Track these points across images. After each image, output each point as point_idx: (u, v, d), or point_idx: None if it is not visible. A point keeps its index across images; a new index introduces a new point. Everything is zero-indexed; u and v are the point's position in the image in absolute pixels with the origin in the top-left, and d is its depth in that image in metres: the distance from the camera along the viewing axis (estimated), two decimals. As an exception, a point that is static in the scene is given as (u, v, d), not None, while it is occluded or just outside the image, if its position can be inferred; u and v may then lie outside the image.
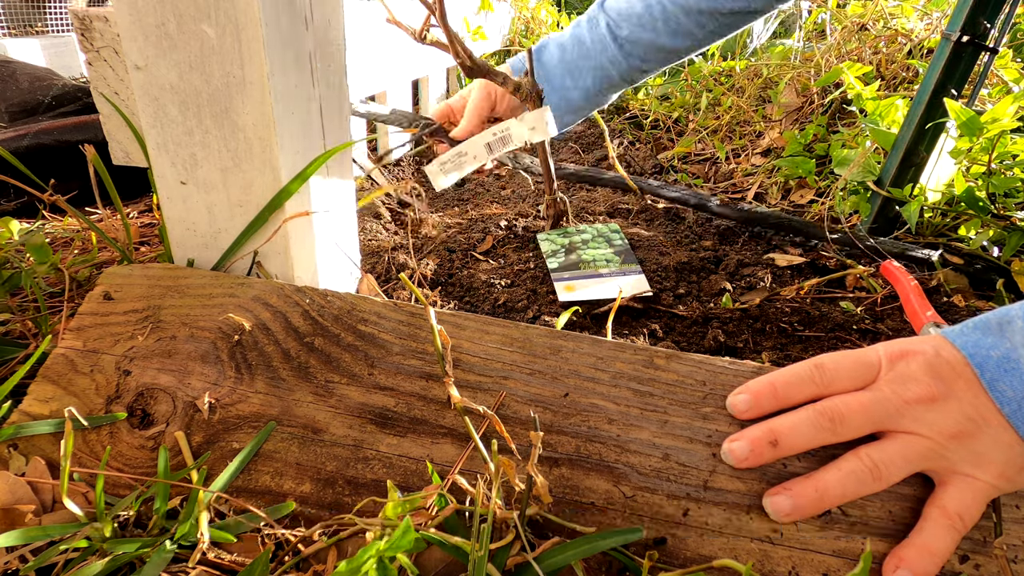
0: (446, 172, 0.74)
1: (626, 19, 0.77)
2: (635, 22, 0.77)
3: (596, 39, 0.79)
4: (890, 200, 0.82)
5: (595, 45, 0.79)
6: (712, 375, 0.40)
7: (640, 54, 0.79)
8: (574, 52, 0.80)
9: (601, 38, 0.79)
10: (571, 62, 0.80)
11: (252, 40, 0.42)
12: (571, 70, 0.80)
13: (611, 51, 0.79)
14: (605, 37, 0.78)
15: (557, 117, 0.81)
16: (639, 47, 0.78)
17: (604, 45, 0.79)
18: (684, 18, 0.76)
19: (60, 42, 1.73)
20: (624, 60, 0.79)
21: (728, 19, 0.77)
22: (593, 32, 0.80)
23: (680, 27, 0.76)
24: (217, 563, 0.33)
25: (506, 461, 0.31)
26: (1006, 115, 0.70)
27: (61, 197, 0.53)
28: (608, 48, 0.79)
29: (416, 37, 0.62)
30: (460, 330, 0.43)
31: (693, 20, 0.76)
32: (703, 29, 0.77)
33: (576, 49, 0.80)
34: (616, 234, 0.80)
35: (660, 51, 0.79)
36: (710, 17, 0.76)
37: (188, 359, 0.42)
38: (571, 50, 0.80)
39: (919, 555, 0.32)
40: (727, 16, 0.76)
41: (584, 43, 0.80)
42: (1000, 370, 0.33)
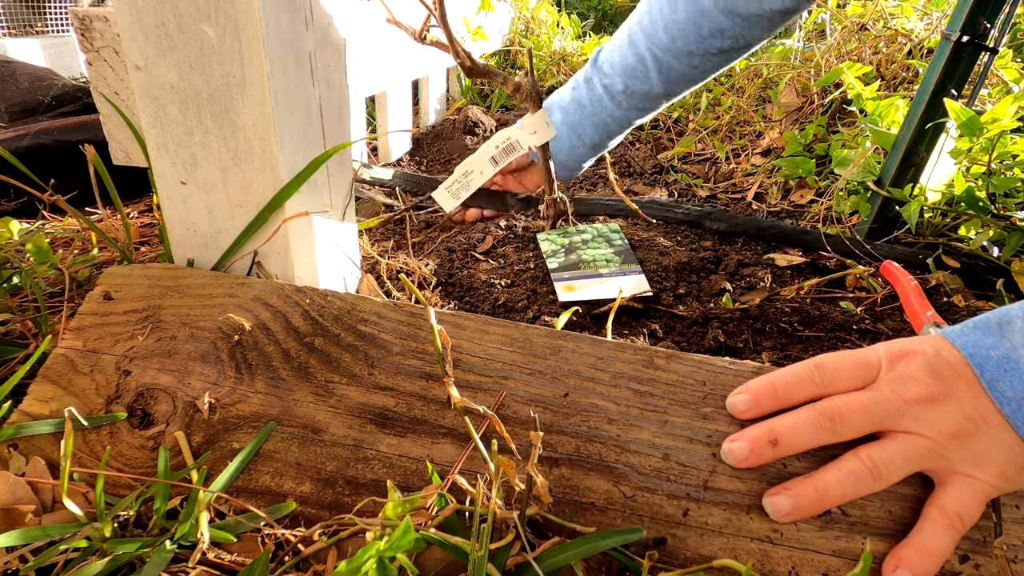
0: (455, 194, 0.74)
1: (620, 74, 0.79)
2: (629, 75, 0.79)
3: (594, 100, 0.82)
4: (890, 200, 0.82)
5: (594, 105, 0.82)
6: (712, 375, 0.40)
7: (638, 104, 0.81)
8: (576, 114, 0.83)
9: (599, 99, 0.81)
10: (574, 123, 0.84)
11: (252, 40, 0.42)
12: (574, 129, 0.84)
13: (609, 108, 0.81)
14: (603, 97, 0.81)
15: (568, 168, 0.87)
16: (636, 99, 0.80)
17: (602, 104, 0.82)
18: (676, 63, 0.77)
19: (60, 42, 1.73)
20: (623, 114, 0.82)
21: (718, 57, 0.77)
22: (591, 93, 0.82)
23: (673, 72, 0.77)
24: (217, 563, 0.33)
25: (506, 461, 0.31)
26: (1006, 115, 0.70)
27: (61, 197, 0.53)
28: (606, 106, 0.81)
29: (416, 37, 0.62)
30: (460, 330, 0.43)
31: (685, 63, 0.77)
32: (695, 70, 0.78)
33: (577, 111, 0.83)
34: (616, 234, 0.80)
35: (657, 98, 0.81)
36: (701, 58, 0.76)
37: (188, 359, 0.42)
38: (573, 112, 0.84)
39: (919, 555, 0.32)
40: (717, 55, 0.77)
41: (583, 105, 0.83)
42: (1000, 370, 0.33)
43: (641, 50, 0.77)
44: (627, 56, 0.79)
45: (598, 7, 2.94)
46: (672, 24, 0.75)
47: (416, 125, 1.45)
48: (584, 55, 1.83)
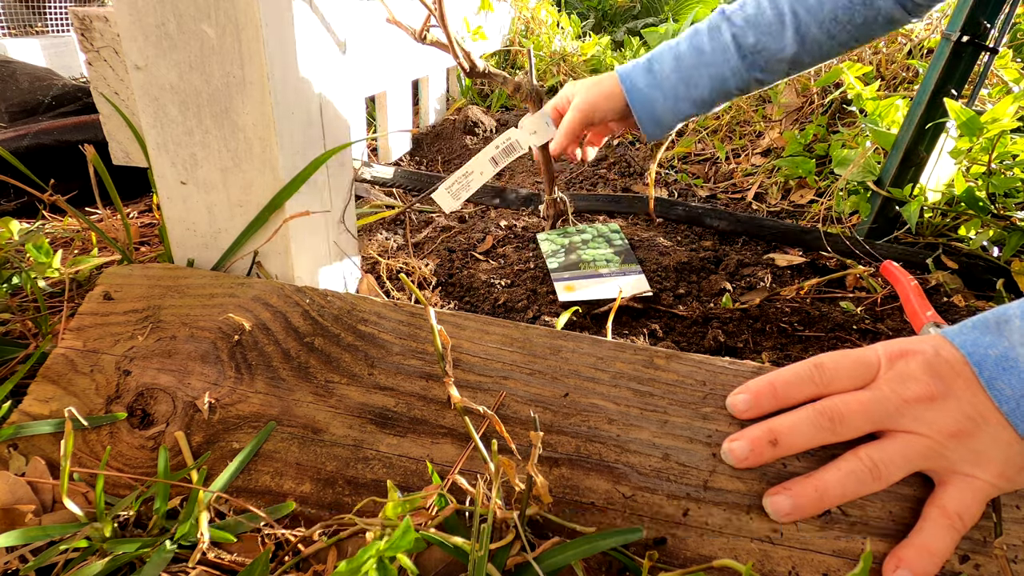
0: (455, 195, 0.74)
1: (753, 27, 0.74)
2: (763, 30, 0.73)
3: (718, 48, 0.75)
4: (890, 200, 0.82)
5: (716, 55, 0.75)
6: (712, 375, 0.40)
7: (763, 64, 0.75)
8: (691, 60, 0.76)
9: (724, 47, 0.75)
10: (687, 70, 0.76)
11: (252, 40, 0.42)
12: (686, 79, 0.76)
13: (733, 61, 0.75)
14: (728, 46, 0.75)
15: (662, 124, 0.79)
16: (763, 57, 0.74)
17: (727, 55, 0.75)
18: (816, 29, 0.72)
19: (60, 42, 1.73)
20: (746, 70, 0.75)
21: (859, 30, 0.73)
22: (715, 41, 0.75)
23: (809, 37, 0.73)
24: (217, 563, 0.33)
25: (506, 461, 0.31)
26: (1006, 115, 0.70)
27: (61, 197, 0.53)
28: (731, 58, 0.75)
29: (416, 37, 0.62)
30: (460, 330, 0.43)
31: (824, 31, 0.72)
32: (833, 40, 0.73)
33: (694, 58, 0.76)
34: (616, 234, 0.80)
35: (784, 62, 0.75)
36: (843, 27, 0.72)
37: (188, 359, 0.42)
38: (688, 59, 0.76)
39: (919, 555, 0.32)
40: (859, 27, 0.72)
41: (704, 52, 0.76)
42: (998, 369, 0.33)
43: (783, 6, 0.72)
44: (766, 10, 0.73)
45: (598, 7, 2.94)
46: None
47: (416, 125, 1.45)
48: (584, 55, 1.83)
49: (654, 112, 0.77)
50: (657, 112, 0.77)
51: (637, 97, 0.77)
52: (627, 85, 0.77)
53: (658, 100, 0.77)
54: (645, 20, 2.83)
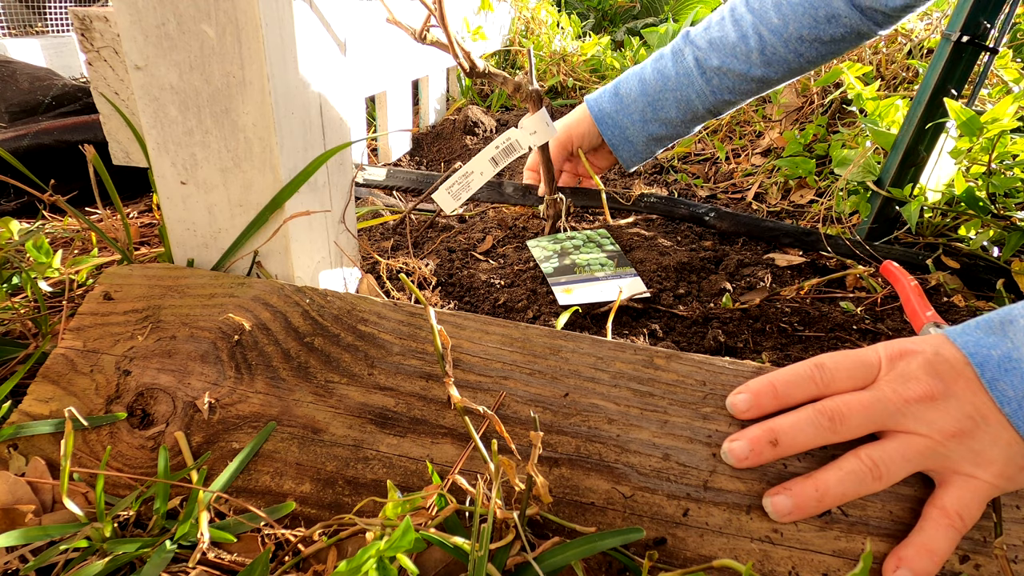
0: (455, 196, 0.74)
1: (717, 50, 0.74)
2: (727, 52, 0.73)
3: (682, 72, 0.76)
4: (890, 200, 0.82)
5: (680, 79, 0.76)
6: (712, 375, 0.40)
7: (729, 86, 0.75)
8: (656, 84, 0.77)
9: (687, 71, 0.75)
10: (653, 94, 0.77)
11: (252, 40, 0.42)
12: (652, 102, 0.77)
13: (698, 85, 0.75)
14: (692, 71, 0.75)
15: (635, 148, 0.79)
16: (729, 79, 0.75)
17: (690, 79, 0.75)
18: (782, 48, 0.72)
19: (60, 42, 1.73)
20: (711, 93, 0.76)
21: (827, 47, 0.73)
22: (678, 65, 0.76)
23: (776, 56, 0.73)
24: (217, 563, 0.33)
25: (506, 461, 0.31)
26: (1006, 115, 0.70)
27: (61, 197, 0.53)
28: (695, 82, 0.75)
29: (416, 37, 0.62)
30: (460, 330, 0.43)
31: (791, 49, 0.72)
32: (800, 58, 0.73)
33: (659, 82, 0.77)
34: (606, 239, 0.80)
35: (751, 82, 0.75)
36: (810, 45, 0.72)
37: (188, 359, 0.42)
38: (653, 83, 0.77)
39: (919, 555, 0.32)
40: (827, 44, 0.72)
41: (668, 76, 0.76)
42: (1000, 369, 0.33)
43: (746, 29, 0.73)
44: (728, 33, 0.73)
45: (598, 7, 2.94)
46: (786, 5, 0.71)
47: (416, 125, 1.45)
48: (584, 55, 1.83)
49: (625, 136, 0.79)
50: (628, 135, 0.79)
51: (606, 121, 0.79)
52: (594, 111, 0.79)
53: (627, 124, 0.78)
54: (645, 20, 2.83)
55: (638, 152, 0.81)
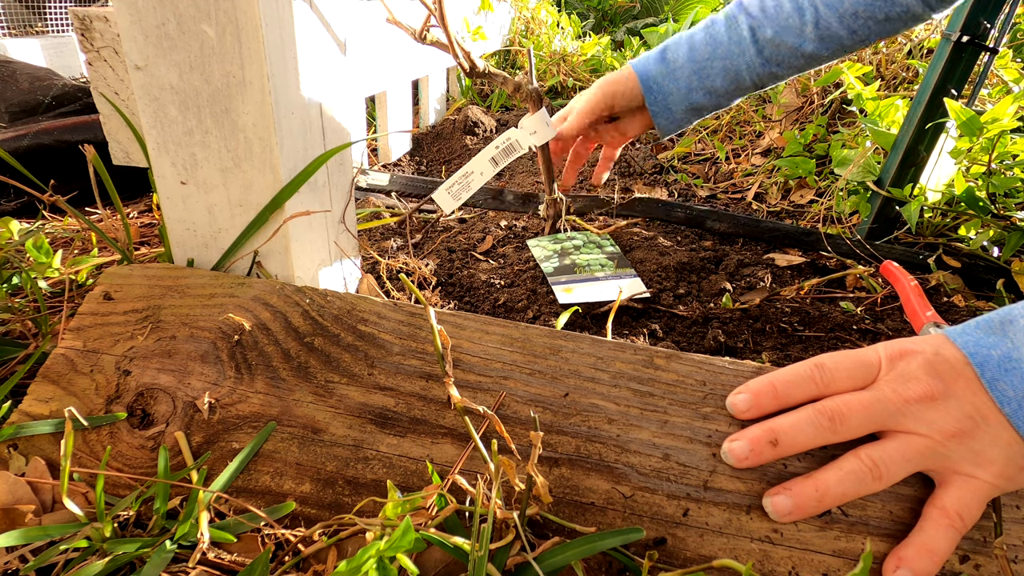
0: (455, 195, 0.74)
1: (771, 21, 0.72)
2: (783, 24, 0.71)
3: (735, 39, 0.73)
4: (890, 200, 0.82)
5: (732, 46, 0.73)
6: (712, 375, 0.40)
7: (780, 59, 0.73)
8: (706, 51, 0.74)
9: (740, 39, 0.73)
10: (702, 61, 0.74)
11: (252, 40, 0.42)
12: (700, 70, 0.74)
13: (749, 54, 0.73)
14: (745, 39, 0.73)
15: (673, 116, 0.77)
16: (780, 51, 0.72)
17: (742, 47, 0.73)
18: (836, 24, 0.70)
19: (60, 42, 1.73)
20: (761, 65, 0.73)
21: (880, 26, 0.71)
22: (732, 32, 0.73)
23: (829, 32, 0.71)
24: (217, 563, 0.33)
25: (506, 461, 0.31)
26: (1006, 115, 0.70)
27: (61, 197, 0.53)
28: (747, 50, 0.73)
29: (416, 37, 0.62)
30: (460, 330, 0.43)
31: (845, 25, 0.70)
32: (854, 36, 0.71)
33: (709, 48, 0.74)
34: (606, 240, 0.80)
35: (801, 57, 0.73)
36: (864, 23, 0.70)
37: (188, 359, 0.42)
38: (703, 49, 0.74)
39: (919, 555, 0.32)
40: (880, 23, 0.70)
41: (719, 43, 0.74)
42: (1000, 369, 0.33)
43: (802, 1, 0.70)
44: (783, 4, 0.71)
45: (598, 7, 2.94)
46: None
47: (416, 125, 1.45)
48: (584, 55, 1.83)
49: (667, 102, 0.76)
50: (670, 102, 0.76)
51: (651, 85, 0.75)
52: (641, 73, 0.75)
53: (671, 90, 0.75)
54: (645, 20, 2.83)
55: (675, 121, 0.78)
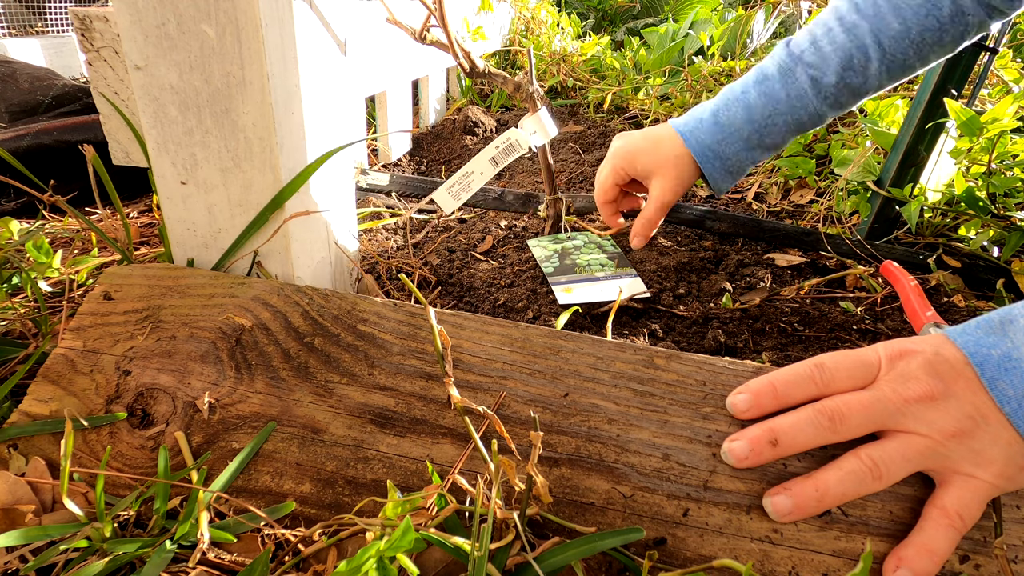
0: (455, 196, 0.74)
1: (831, 65, 0.66)
2: (844, 66, 0.66)
3: (794, 95, 0.68)
4: (890, 200, 0.82)
5: (792, 101, 0.68)
6: (712, 375, 0.40)
7: (844, 100, 0.68)
8: (764, 110, 0.68)
9: (801, 93, 0.67)
10: (761, 120, 0.69)
11: (252, 40, 0.42)
12: (759, 129, 0.69)
13: (812, 106, 0.67)
14: (807, 92, 0.67)
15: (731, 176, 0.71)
16: (845, 93, 0.67)
17: (804, 100, 0.68)
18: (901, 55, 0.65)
19: (60, 42, 1.73)
20: (825, 110, 0.68)
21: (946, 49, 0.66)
22: (789, 87, 0.68)
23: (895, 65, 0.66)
24: (217, 563, 0.33)
25: (506, 461, 0.31)
26: (1006, 115, 0.70)
27: (61, 197, 0.53)
28: (809, 104, 0.67)
29: (416, 37, 0.62)
30: (460, 330, 0.43)
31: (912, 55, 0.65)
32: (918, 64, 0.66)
33: (768, 107, 0.68)
34: (607, 240, 0.80)
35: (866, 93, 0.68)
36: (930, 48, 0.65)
37: (188, 359, 0.42)
38: (760, 109, 0.69)
39: (919, 554, 0.32)
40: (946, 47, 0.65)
41: (778, 100, 0.68)
42: (1000, 369, 0.33)
43: (863, 39, 0.64)
44: (844, 45, 0.65)
45: (598, 7, 2.94)
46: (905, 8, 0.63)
47: (416, 125, 1.45)
48: (584, 55, 1.83)
49: (725, 166, 0.70)
50: (728, 166, 0.70)
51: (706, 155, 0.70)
52: (694, 145, 0.70)
53: (729, 155, 0.70)
54: (645, 20, 2.83)
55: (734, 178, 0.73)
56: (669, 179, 0.70)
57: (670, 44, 1.75)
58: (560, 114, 1.63)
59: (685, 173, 0.70)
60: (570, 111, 1.66)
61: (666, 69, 1.58)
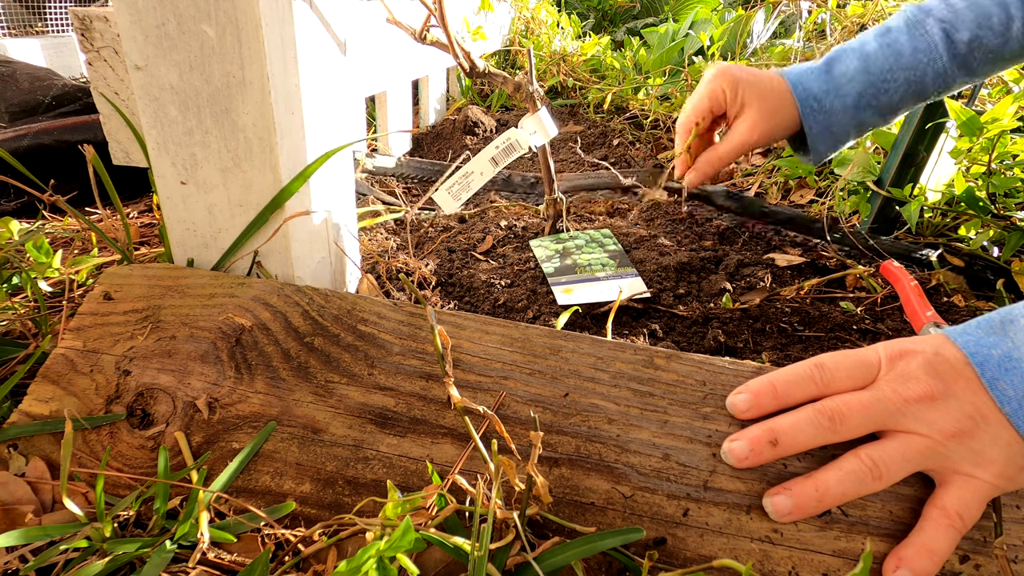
0: (456, 195, 0.74)
1: (967, 22, 0.60)
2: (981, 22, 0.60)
3: (922, 47, 0.61)
4: (890, 200, 0.82)
5: (919, 55, 0.62)
6: (712, 375, 0.40)
7: (975, 65, 0.62)
8: (885, 63, 0.62)
9: (931, 46, 0.61)
10: (878, 74, 0.62)
11: (252, 40, 0.42)
12: (875, 83, 0.62)
13: (941, 61, 0.61)
14: (937, 45, 0.61)
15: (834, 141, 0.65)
16: (978, 54, 0.61)
17: (933, 54, 0.61)
18: None
19: (60, 42, 1.73)
20: (957, 71, 0.62)
21: None
22: (917, 39, 0.62)
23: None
24: (217, 563, 0.33)
25: (506, 461, 0.31)
26: (1006, 115, 0.70)
27: (61, 197, 0.53)
28: (938, 58, 0.61)
29: (416, 37, 0.62)
30: (460, 330, 0.43)
31: None
32: None
33: (888, 59, 0.62)
34: (609, 239, 0.80)
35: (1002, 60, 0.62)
36: None
37: (188, 359, 0.42)
38: (880, 60, 0.62)
39: (919, 554, 0.32)
40: None
41: (902, 52, 0.62)
42: (1001, 369, 0.33)
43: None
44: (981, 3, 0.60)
45: (598, 7, 2.94)
46: None
47: (416, 125, 1.45)
48: (584, 55, 1.83)
49: (829, 124, 0.63)
50: (832, 124, 0.63)
51: (811, 104, 0.63)
52: (799, 90, 0.63)
53: (837, 109, 0.63)
54: (645, 20, 2.83)
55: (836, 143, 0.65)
56: (763, 119, 0.62)
57: (670, 44, 1.75)
58: (560, 114, 1.63)
59: (782, 118, 0.63)
60: (570, 111, 1.66)
61: (666, 69, 1.58)
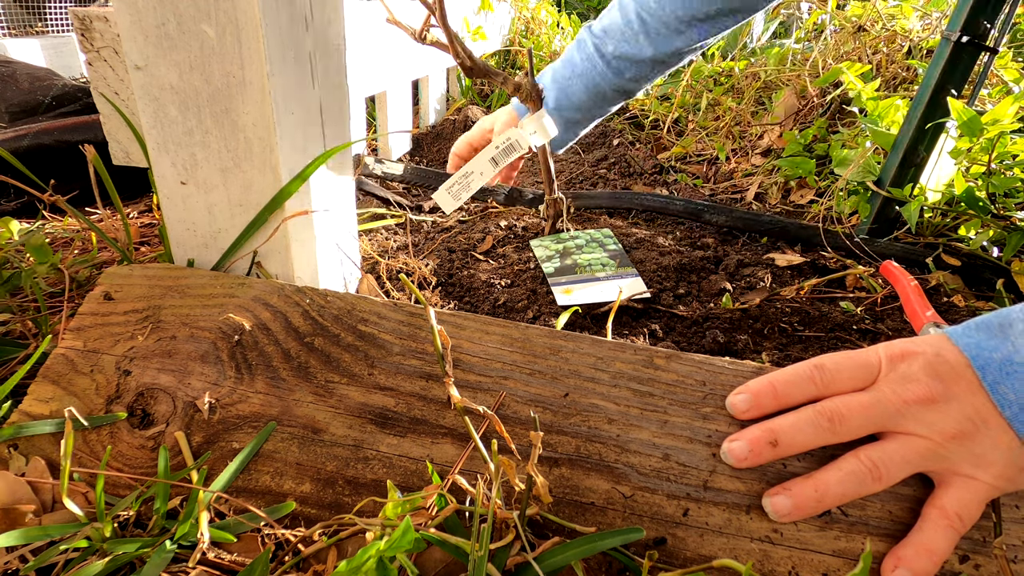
0: (455, 195, 0.74)
1: (610, 36, 0.81)
2: (618, 38, 0.80)
3: (584, 58, 0.83)
4: (890, 200, 0.82)
5: (584, 64, 0.83)
6: (712, 375, 0.40)
7: (627, 68, 0.82)
8: (565, 72, 0.84)
9: (589, 57, 0.82)
10: (561, 80, 0.84)
11: (252, 40, 0.42)
12: (564, 88, 0.84)
13: (599, 68, 0.82)
14: (593, 56, 0.82)
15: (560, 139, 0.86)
16: (625, 62, 0.81)
17: (592, 63, 0.82)
18: (664, 29, 0.78)
19: (60, 42, 1.73)
20: (613, 76, 0.82)
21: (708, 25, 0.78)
22: (581, 52, 0.83)
23: (660, 38, 0.79)
24: (217, 563, 0.33)
25: (506, 461, 0.31)
26: (1006, 115, 0.70)
27: (61, 197, 0.53)
28: (596, 66, 0.82)
29: (416, 37, 0.62)
30: (460, 330, 0.43)
31: (673, 29, 0.78)
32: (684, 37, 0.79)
33: (567, 70, 0.84)
34: (609, 239, 0.80)
35: (646, 63, 0.81)
36: (688, 24, 0.77)
37: (188, 359, 0.42)
38: (561, 71, 0.85)
39: (918, 555, 0.32)
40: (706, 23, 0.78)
41: (574, 63, 0.84)
42: (1002, 373, 0.33)
43: (629, 14, 0.79)
44: (616, 18, 0.81)
45: (598, 7, 2.94)
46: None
47: (416, 125, 1.45)
48: (584, 55, 1.83)
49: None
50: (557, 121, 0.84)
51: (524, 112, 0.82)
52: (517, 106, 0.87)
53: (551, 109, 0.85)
54: (645, 20, 2.83)
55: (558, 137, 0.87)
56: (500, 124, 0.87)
57: (670, 44, 1.75)
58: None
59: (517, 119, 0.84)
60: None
61: (666, 69, 1.57)
